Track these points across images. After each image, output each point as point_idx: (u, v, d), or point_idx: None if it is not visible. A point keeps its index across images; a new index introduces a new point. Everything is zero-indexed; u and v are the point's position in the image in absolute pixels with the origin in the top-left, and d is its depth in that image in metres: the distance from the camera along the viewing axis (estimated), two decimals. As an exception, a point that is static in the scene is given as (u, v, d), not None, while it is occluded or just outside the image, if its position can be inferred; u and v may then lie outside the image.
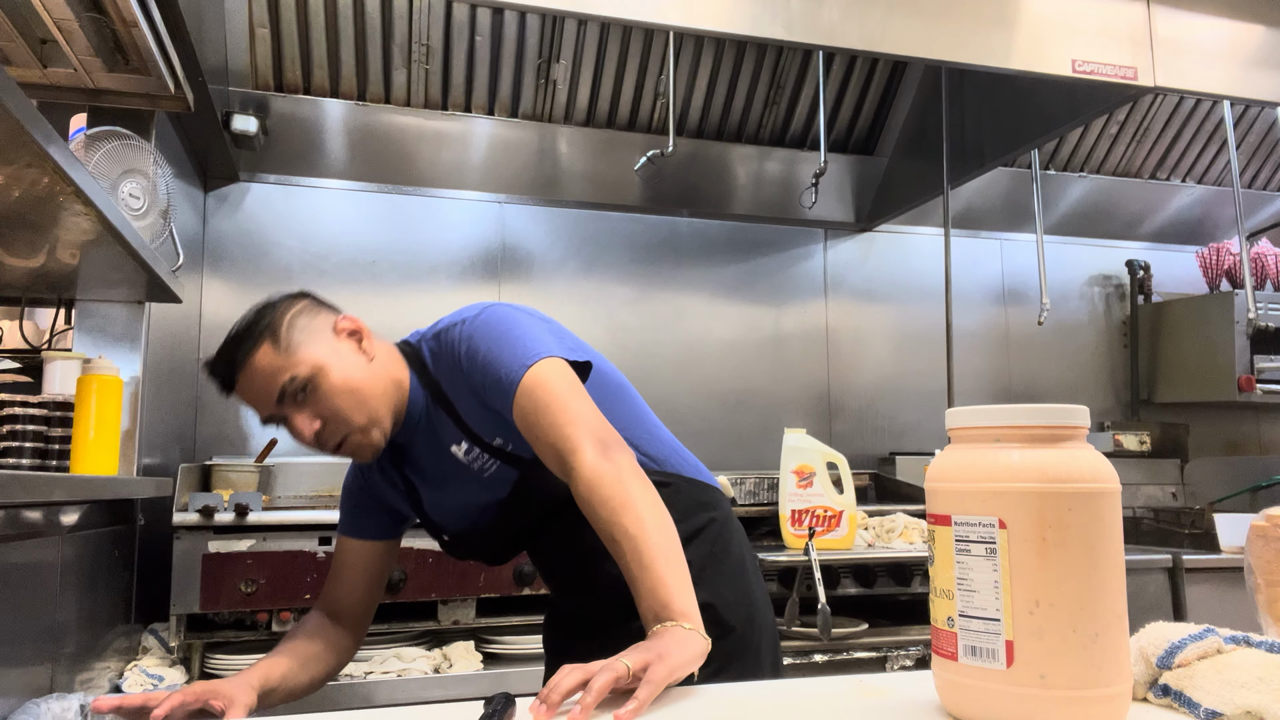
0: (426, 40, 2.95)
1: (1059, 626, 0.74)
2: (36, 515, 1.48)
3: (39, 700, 1.38)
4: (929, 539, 0.82)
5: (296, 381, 1.25)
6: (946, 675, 0.80)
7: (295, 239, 3.05)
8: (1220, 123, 3.73)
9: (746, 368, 3.46)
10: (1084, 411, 0.79)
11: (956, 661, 0.78)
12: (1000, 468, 0.77)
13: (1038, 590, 0.74)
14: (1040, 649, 0.73)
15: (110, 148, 1.89)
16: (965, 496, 0.78)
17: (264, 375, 1.26)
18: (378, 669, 2.09)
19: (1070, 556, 0.74)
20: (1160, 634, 0.85)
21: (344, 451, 1.30)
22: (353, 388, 1.27)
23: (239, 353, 1.27)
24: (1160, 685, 0.82)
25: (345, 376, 1.27)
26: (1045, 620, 0.74)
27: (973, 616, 0.77)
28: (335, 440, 1.28)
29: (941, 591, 0.80)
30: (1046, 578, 0.74)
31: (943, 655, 0.80)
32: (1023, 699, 0.74)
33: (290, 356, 1.26)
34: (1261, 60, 2.50)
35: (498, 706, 0.82)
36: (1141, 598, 2.70)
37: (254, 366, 1.26)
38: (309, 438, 1.26)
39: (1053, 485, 0.75)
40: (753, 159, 3.49)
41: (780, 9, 2.13)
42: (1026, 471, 0.76)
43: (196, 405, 2.87)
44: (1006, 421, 0.78)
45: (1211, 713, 0.76)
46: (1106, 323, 3.98)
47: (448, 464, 1.36)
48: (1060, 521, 0.74)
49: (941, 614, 0.80)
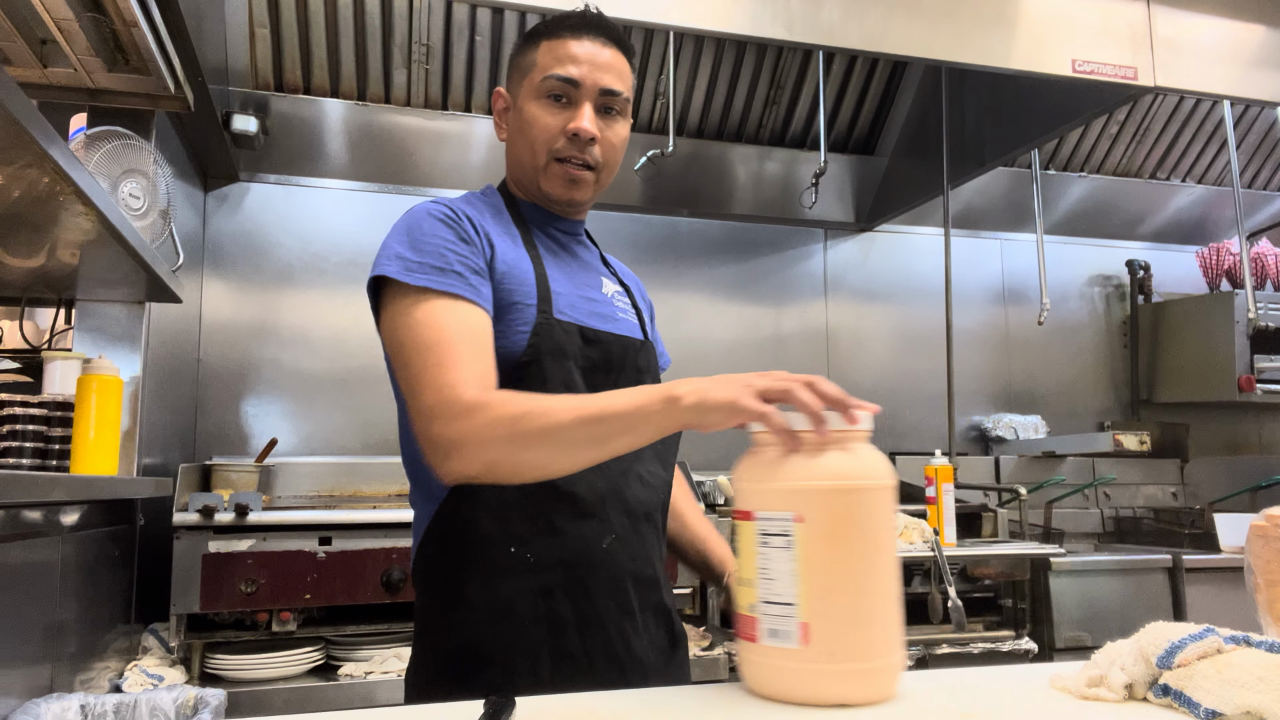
0: (427, 40, 2.95)
1: (845, 608, 0.83)
2: (37, 515, 1.48)
3: (39, 700, 1.38)
4: (733, 534, 0.90)
5: (623, 96, 1.24)
6: (749, 657, 0.87)
7: (295, 239, 3.05)
8: (1220, 122, 3.73)
9: (747, 367, 3.39)
10: (868, 418, 0.88)
11: (758, 643, 0.85)
12: (798, 468, 0.85)
13: (828, 577, 0.83)
14: (830, 629, 0.82)
15: (110, 148, 1.89)
16: (766, 494, 0.86)
17: (619, 65, 1.23)
18: (378, 669, 2.09)
19: (855, 546, 0.84)
20: (1160, 634, 0.85)
21: (579, 173, 1.22)
22: (624, 142, 1.27)
23: (617, 32, 1.25)
24: (1160, 685, 0.82)
25: (627, 135, 1.28)
26: (834, 603, 0.83)
27: (772, 602, 0.84)
28: (595, 159, 1.22)
29: (745, 581, 0.87)
30: (835, 566, 0.83)
31: (746, 638, 0.87)
32: (816, 674, 0.83)
33: (630, 80, 1.26)
34: (1262, 60, 2.50)
35: (498, 706, 0.82)
36: (1141, 598, 2.70)
37: (618, 52, 1.24)
38: (592, 132, 1.19)
39: (843, 483, 0.84)
40: (753, 159, 3.49)
41: (780, 9, 2.13)
42: (821, 471, 0.85)
43: (196, 405, 2.87)
44: (803, 427, 0.86)
45: (1211, 713, 0.76)
46: (1106, 323, 3.98)
47: (593, 279, 1.30)
48: (848, 515, 0.84)
49: (745, 601, 0.87)
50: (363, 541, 2.13)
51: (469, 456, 1.01)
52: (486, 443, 1.00)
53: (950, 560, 2.36)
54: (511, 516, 1.12)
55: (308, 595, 2.07)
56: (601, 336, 1.20)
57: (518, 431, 0.99)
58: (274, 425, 2.93)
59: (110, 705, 1.52)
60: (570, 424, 0.98)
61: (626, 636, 1.14)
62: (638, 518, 1.17)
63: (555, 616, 1.11)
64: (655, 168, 3.27)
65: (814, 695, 0.83)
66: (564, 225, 1.30)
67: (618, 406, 0.98)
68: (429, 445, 1.04)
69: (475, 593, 1.11)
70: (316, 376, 3.00)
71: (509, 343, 1.13)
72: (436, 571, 1.15)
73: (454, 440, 1.01)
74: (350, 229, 3.10)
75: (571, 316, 1.18)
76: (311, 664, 2.12)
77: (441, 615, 1.14)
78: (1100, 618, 2.65)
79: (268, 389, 2.95)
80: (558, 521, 1.12)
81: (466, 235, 1.14)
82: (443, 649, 1.13)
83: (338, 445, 2.98)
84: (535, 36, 1.25)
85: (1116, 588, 2.69)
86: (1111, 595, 2.68)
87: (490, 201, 1.28)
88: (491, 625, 1.10)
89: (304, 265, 3.04)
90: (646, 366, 1.26)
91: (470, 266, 1.12)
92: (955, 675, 0.99)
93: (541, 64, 1.21)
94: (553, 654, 1.10)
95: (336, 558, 2.10)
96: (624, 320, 1.27)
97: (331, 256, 3.07)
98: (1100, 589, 2.68)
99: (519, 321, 1.14)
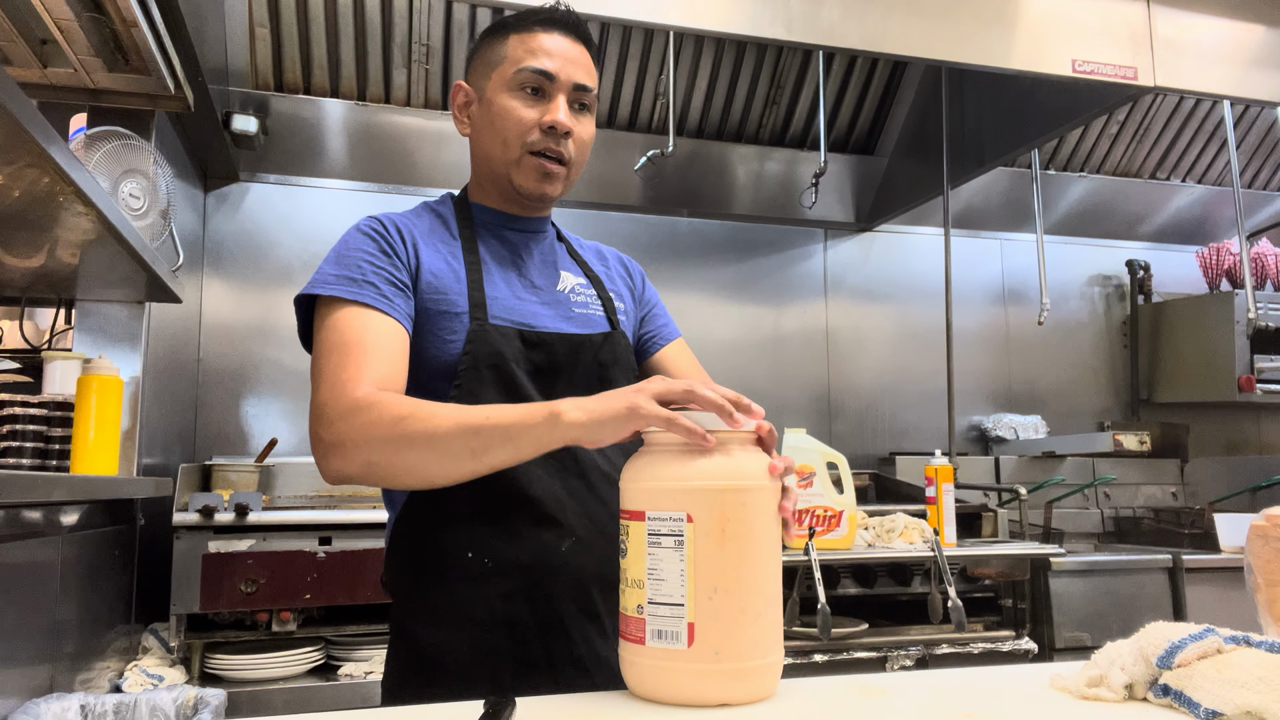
0: (427, 40, 2.95)
1: (731, 608, 0.84)
2: (37, 515, 1.48)
3: (39, 700, 1.38)
4: (623, 535, 0.90)
5: (593, 93, 1.23)
6: (633, 659, 0.87)
7: (295, 239, 3.04)
8: (1220, 122, 3.73)
9: (747, 368, 3.46)
10: (752, 422, 0.91)
11: (644, 645, 0.85)
12: (690, 468, 0.86)
13: (716, 577, 0.84)
14: (716, 629, 0.83)
15: (110, 148, 1.89)
16: (659, 494, 0.87)
17: (587, 62, 1.23)
18: (378, 669, 2.09)
19: (742, 546, 0.85)
20: (1160, 634, 0.85)
21: (553, 167, 1.20)
22: (592, 139, 1.26)
23: (585, 29, 1.24)
24: (1160, 685, 0.82)
25: (594, 133, 1.27)
26: (721, 603, 0.84)
27: (660, 603, 0.85)
28: (569, 153, 1.21)
29: (633, 582, 0.88)
30: (724, 565, 0.84)
31: (630, 640, 0.87)
32: (700, 674, 0.83)
33: (596, 78, 1.25)
34: (1261, 60, 2.50)
35: (498, 706, 0.82)
36: (1141, 598, 2.70)
37: (585, 49, 1.23)
38: (568, 125, 1.18)
39: (736, 482, 0.86)
40: (753, 159, 3.49)
41: (780, 9, 2.13)
42: (712, 471, 0.86)
43: (196, 405, 2.87)
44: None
45: (1211, 712, 0.76)
46: (1106, 323, 3.98)
47: (549, 276, 1.28)
48: (737, 515, 0.85)
49: (632, 602, 0.87)
50: (362, 541, 2.13)
51: (348, 455, 1.00)
52: (366, 443, 0.99)
53: (950, 560, 2.36)
54: (468, 522, 1.11)
55: (308, 595, 2.07)
56: (545, 338, 1.18)
57: (397, 434, 0.98)
58: (274, 425, 2.93)
59: (110, 705, 1.52)
60: (450, 431, 0.96)
61: (590, 640, 1.12)
62: (602, 519, 1.14)
63: (516, 621, 1.10)
64: (655, 168, 3.27)
65: (699, 696, 0.84)
66: (520, 224, 1.28)
67: (499, 419, 0.96)
68: (313, 443, 1.03)
69: (436, 598, 1.11)
70: (316, 376, 2.99)
71: (443, 351, 1.13)
72: (401, 578, 1.15)
73: (335, 439, 1.00)
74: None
75: (509, 320, 1.17)
76: (311, 664, 2.12)
77: (407, 621, 1.14)
78: (1100, 618, 2.65)
79: (268, 389, 2.95)
80: (515, 526, 1.11)
81: (389, 248, 1.15)
82: (410, 653, 1.13)
83: (338, 445, 2.98)
84: (503, 29, 1.22)
85: (1116, 588, 2.69)
86: (1111, 595, 2.68)
87: (438, 210, 1.27)
88: (453, 631, 1.09)
89: (304, 265, 3.04)
90: (612, 359, 1.23)
91: (387, 278, 1.12)
92: (955, 675, 0.99)
93: (513, 56, 1.19)
94: (515, 659, 1.09)
95: (336, 558, 2.10)
96: (581, 315, 1.25)
97: (331, 256, 3.07)
98: (1100, 589, 2.68)
99: (450, 330, 1.14)
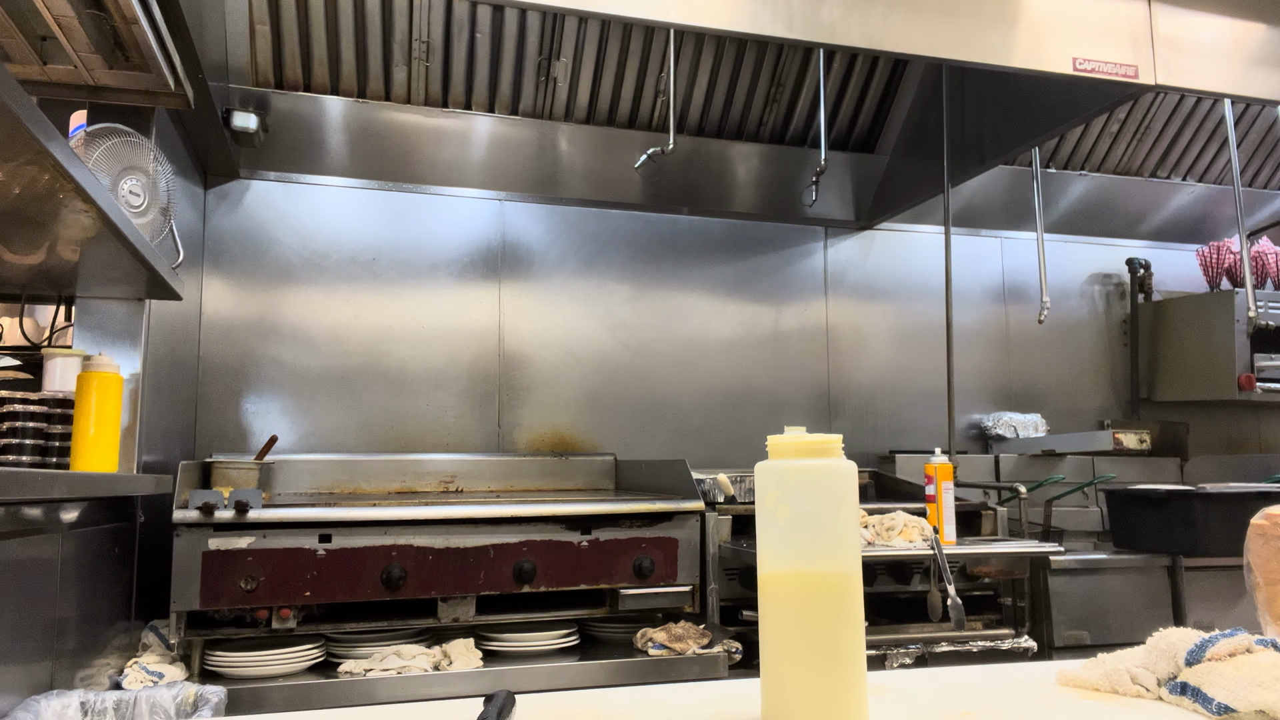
0: (427, 37, 2.95)
1: None
2: (37, 512, 1.48)
3: (39, 697, 1.38)
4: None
5: None
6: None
7: (295, 236, 3.05)
8: (1221, 121, 3.73)
9: (747, 366, 3.46)
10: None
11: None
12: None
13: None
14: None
15: (110, 145, 1.89)
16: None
17: None
18: (378, 666, 2.09)
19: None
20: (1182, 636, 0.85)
21: None
22: None
23: None
24: (1178, 683, 0.83)
25: None
26: None
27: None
28: None
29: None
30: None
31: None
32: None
33: None
34: (1262, 58, 2.49)
35: (498, 704, 0.82)
36: (1141, 596, 2.70)
37: None
38: None
39: None
40: (753, 157, 3.49)
41: (781, 7, 2.13)
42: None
43: (196, 402, 2.87)
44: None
45: (1224, 707, 0.77)
46: (1107, 321, 3.98)
47: None
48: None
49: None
50: (362, 539, 2.13)
51: None
52: None
53: (950, 558, 2.36)
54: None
55: (308, 592, 2.07)
56: None
57: None
58: (274, 422, 2.94)
59: (110, 702, 1.52)
60: None
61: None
62: None
63: None
64: (655, 166, 3.27)
65: None
66: None
67: None
68: None
69: None
70: (316, 374, 3.00)
71: None
72: None
73: None
74: (350, 226, 3.10)
75: None
76: (311, 661, 2.13)
77: None
78: (1099, 616, 2.65)
79: (268, 386, 2.95)
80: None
81: None
82: None
83: (337, 442, 2.99)
84: None
85: (1116, 586, 2.69)
86: (1111, 593, 2.68)
87: None
88: None
89: (304, 262, 3.04)
90: None
91: None
92: (955, 673, 0.99)
93: None
94: None
95: (336, 555, 2.10)
96: None
97: (332, 254, 3.07)
98: (1100, 587, 2.68)
99: None
